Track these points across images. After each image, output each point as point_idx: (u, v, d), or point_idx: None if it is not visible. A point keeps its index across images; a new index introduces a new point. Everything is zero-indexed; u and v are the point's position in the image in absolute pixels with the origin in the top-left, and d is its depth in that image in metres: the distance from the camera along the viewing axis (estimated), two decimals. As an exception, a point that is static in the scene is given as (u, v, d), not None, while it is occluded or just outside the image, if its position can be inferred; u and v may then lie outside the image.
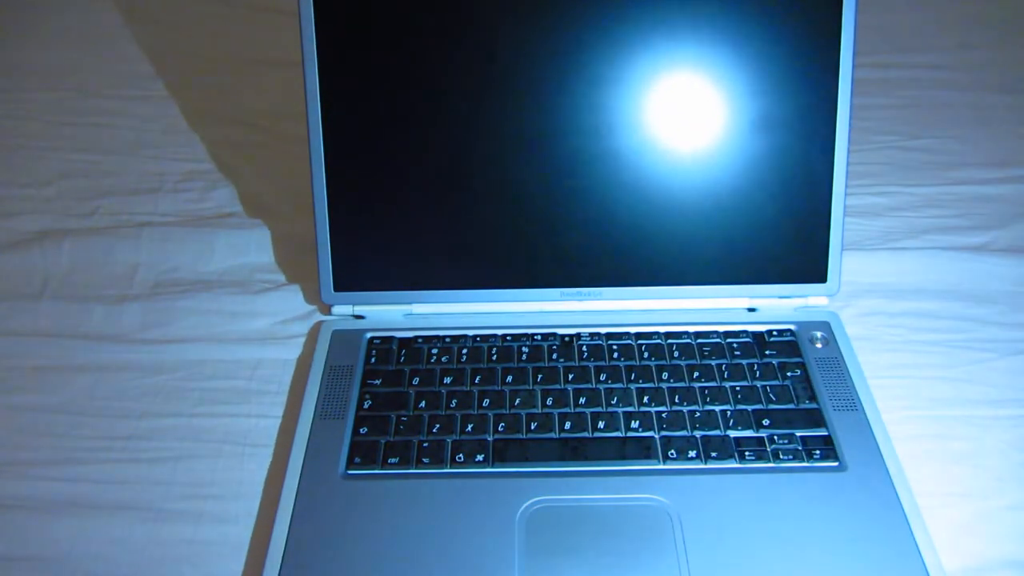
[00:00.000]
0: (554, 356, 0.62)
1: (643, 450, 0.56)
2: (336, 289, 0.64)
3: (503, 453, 0.56)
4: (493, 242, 0.64)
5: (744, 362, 0.61)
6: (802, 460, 0.55)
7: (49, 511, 0.56)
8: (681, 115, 0.61)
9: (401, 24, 0.60)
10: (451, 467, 0.56)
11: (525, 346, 0.63)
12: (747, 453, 0.56)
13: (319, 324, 0.66)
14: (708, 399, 0.59)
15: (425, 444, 0.57)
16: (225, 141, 0.85)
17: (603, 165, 0.62)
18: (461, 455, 0.56)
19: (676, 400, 0.59)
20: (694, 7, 0.59)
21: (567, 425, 0.58)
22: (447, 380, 0.61)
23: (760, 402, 0.59)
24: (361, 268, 0.64)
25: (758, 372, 0.61)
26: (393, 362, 0.62)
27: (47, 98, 0.90)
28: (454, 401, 0.59)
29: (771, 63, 0.60)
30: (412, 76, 0.61)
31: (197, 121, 0.87)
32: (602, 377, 0.61)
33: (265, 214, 0.77)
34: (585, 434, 0.57)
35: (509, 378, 0.61)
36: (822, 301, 0.65)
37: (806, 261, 0.63)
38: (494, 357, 0.62)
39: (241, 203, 0.78)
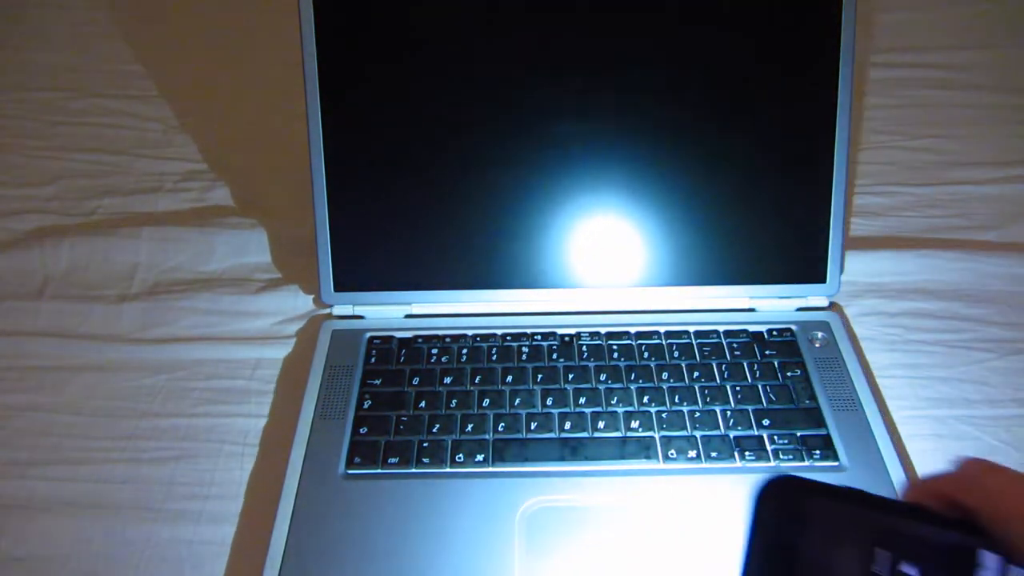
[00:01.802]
0: (554, 356, 0.62)
1: (643, 450, 0.56)
2: (336, 289, 0.64)
3: (503, 453, 0.56)
4: (493, 242, 0.64)
5: (744, 362, 0.61)
6: (802, 460, 0.55)
7: (49, 511, 0.56)
8: (681, 116, 0.61)
9: (401, 25, 0.60)
10: (451, 467, 0.56)
11: (525, 346, 0.63)
12: (747, 453, 0.56)
13: (319, 325, 0.66)
14: (708, 399, 0.59)
15: (425, 444, 0.57)
16: (225, 141, 0.85)
17: (604, 165, 0.62)
18: (461, 455, 0.56)
19: (676, 400, 0.59)
20: (694, 6, 0.59)
21: (567, 425, 0.58)
22: (447, 380, 0.61)
23: (760, 402, 0.59)
24: (361, 268, 0.64)
25: (758, 372, 0.61)
26: (393, 362, 0.62)
27: (47, 98, 0.90)
28: (454, 401, 0.59)
29: (771, 63, 0.60)
30: (412, 76, 0.61)
31: (197, 121, 0.87)
32: (602, 377, 0.61)
33: (265, 214, 0.77)
34: (585, 434, 0.57)
35: (509, 378, 0.61)
36: (822, 301, 0.65)
37: (806, 261, 0.63)
38: (494, 357, 0.62)
39: (241, 203, 0.78)
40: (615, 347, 0.63)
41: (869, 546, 0.28)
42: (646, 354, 0.62)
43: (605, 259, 0.64)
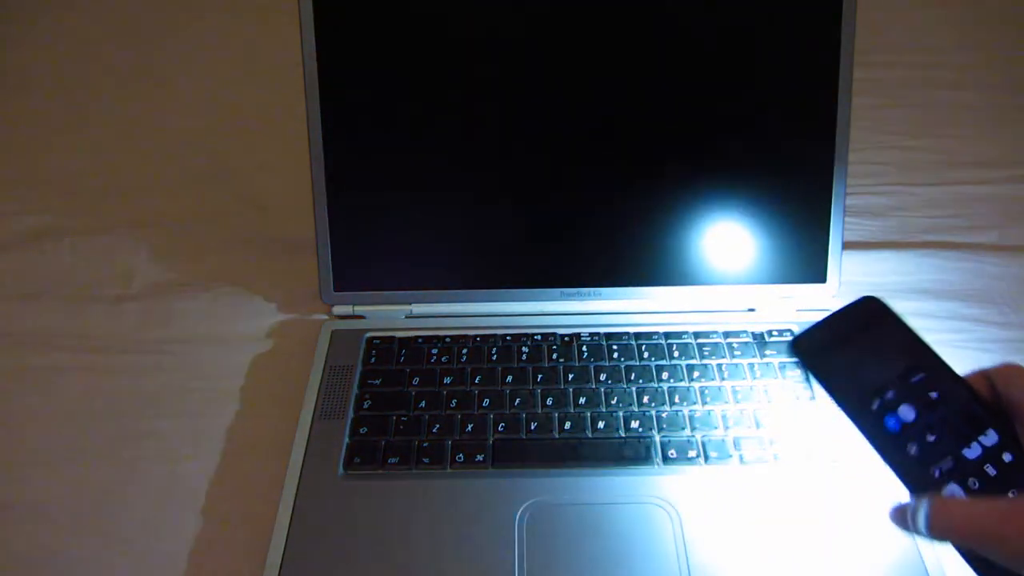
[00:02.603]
0: (554, 356, 0.62)
1: (643, 450, 0.56)
2: (336, 289, 0.64)
3: (503, 453, 0.56)
4: (493, 242, 0.64)
5: (744, 362, 0.61)
6: (802, 460, 0.55)
7: (49, 512, 0.56)
8: (680, 116, 0.61)
9: (401, 24, 0.60)
10: (451, 467, 0.55)
11: (525, 346, 0.63)
12: (747, 453, 0.56)
13: (318, 324, 0.66)
14: (708, 399, 0.59)
15: (425, 444, 0.57)
16: (225, 141, 0.85)
17: (604, 165, 0.62)
18: (461, 455, 0.56)
19: (676, 400, 0.59)
20: (696, 9, 0.59)
21: (567, 426, 0.58)
22: (447, 380, 0.61)
23: (760, 402, 0.59)
24: (361, 268, 0.64)
25: (758, 372, 0.61)
26: (393, 362, 0.62)
27: (47, 98, 0.90)
28: (454, 401, 0.59)
29: (772, 63, 0.60)
30: (412, 76, 0.61)
31: (197, 121, 0.87)
32: (602, 377, 0.61)
33: (264, 214, 0.77)
34: (585, 435, 0.57)
35: (509, 378, 0.61)
36: (822, 301, 0.65)
37: (806, 261, 0.63)
38: (494, 357, 0.62)
39: (240, 203, 0.78)
40: (615, 347, 0.63)
41: (914, 365, 0.38)
42: (646, 354, 0.62)
43: (605, 260, 0.64)
